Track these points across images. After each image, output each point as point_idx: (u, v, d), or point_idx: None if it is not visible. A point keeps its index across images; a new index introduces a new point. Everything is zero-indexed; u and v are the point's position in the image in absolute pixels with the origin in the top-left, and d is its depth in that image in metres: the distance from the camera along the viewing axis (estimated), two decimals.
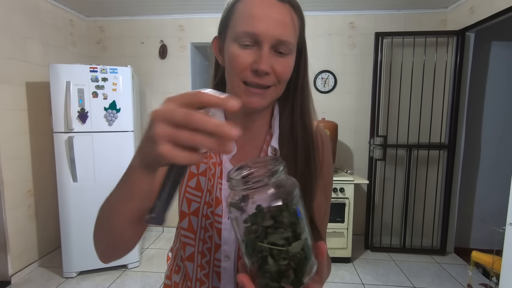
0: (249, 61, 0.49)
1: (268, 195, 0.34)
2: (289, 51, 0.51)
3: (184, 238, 0.58)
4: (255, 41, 0.49)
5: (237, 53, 0.49)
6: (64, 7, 2.83)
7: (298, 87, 0.57)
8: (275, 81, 0.51)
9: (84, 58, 3.11)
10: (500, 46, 2.80)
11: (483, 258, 2.06)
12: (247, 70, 0.49)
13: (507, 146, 2.85)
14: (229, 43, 0.51)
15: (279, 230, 0.34)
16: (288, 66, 0.52)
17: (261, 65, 0.48)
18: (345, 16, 2.97)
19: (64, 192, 2.33)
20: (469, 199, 2.98)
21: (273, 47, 0.49)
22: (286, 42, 0.49)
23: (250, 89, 0.50)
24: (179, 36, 3.12)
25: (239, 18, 0.50)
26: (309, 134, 0.58)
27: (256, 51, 0.49)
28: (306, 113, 0.58)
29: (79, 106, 2.31)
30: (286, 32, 0.49)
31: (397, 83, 2.87)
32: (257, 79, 0.49)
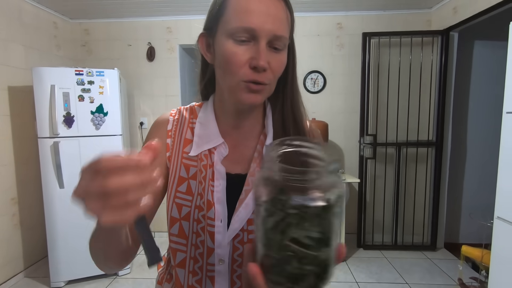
0: (246, 57, 0.48)
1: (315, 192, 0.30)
2: (283, 47, 0.50)
3: (174, 245, 0.56)
4: (252, 36, 0.48)
5: (234, 49, 0.48)
6: (47, 9, 2.76)
7: (288, 83, 0.57)
8: (271, 78, 0.50)
9: (69, 61, 3.04)
10: (482, 45, 2.88)
11: (472, 252, 2.10)
12: (245, 67, 0.48)
13: (492, 141, 2.93)
14: (222, 40, 0.50)
15: (312, 229, 0.30)
16: (283, 62, 0.51)
17: (260, 61, 0.47)
18: (333, 17, 3.00)
19: (50, 199, 2.26)
20: (457, 195, 3.05)
21: (269, 42, 0.48)
22: (281, 37, 0.49)
23: (250, 86, 0.49)
24: (167, 38, 3.08)
25: (233, 13, 0.48)
26: (300, 130, 0.57)
27: (252, 47, 0.48)
28: (296, 109, 0.58)
29: (64, 110, 2.24)
30: (281, 27, 0.49)
31: (385, 82, 2.91)
32: (256, 75, 0.48)
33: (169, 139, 0.59)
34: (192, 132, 0.59)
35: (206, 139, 0.57)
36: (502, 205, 1.57)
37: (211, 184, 0.55)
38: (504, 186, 1.56)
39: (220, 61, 0.51)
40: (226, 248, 0.54)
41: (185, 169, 0.57)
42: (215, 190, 0.55)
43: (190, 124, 0.60)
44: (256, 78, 0.49)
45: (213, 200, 0.54)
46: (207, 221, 0.54)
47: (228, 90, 0.52)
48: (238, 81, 0.49)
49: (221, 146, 0.57)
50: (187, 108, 0.63)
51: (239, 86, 0.50)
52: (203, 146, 0.56)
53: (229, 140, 0.58)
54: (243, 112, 0.57)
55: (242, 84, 0.49)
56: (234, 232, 0.54)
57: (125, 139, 2.61)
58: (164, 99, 3.15)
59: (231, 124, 0.58)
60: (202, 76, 0.62)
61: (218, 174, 0.55)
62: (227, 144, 0.57)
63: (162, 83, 3.14)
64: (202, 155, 0.56)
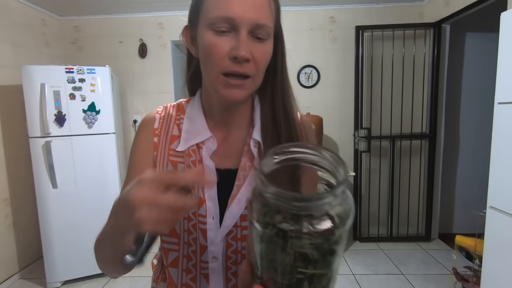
0: (226, 48, 0.46)
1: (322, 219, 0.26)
2: (267, 36, 0.48)
3: (166, 244, 0.55)
4: (232, 26, 0.46)
5: (213, 41, 0.46)
6: (35, 6, 2.70)
7: (277, 73, 0.55)
8: (254, 71, 0.48)
9: (59, 59, 2.98)
10: (474, 37, 2.90)
11: (466, 241, 2.14)
12: (226, 59, 0.47)
13: (484, 132, 2.96)
14: (202, 31, 0.48)
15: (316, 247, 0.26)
16: (267, 53, 0.49)
17: (240, 51, 0.45)
18: (326, 11, 2.99)
19: (44, 200, 2.23)
20: (450, 186, 3.09)
21: (251, 32, 0.46)
22: (264, 26, 0.47)
23: (229, 81, 0.47)
24: (159, 34, 3.04)
25: (212, 3, 0.47)
26: (291, 122, 0.55)
27: (233, 37, 0.46)
28: (287, 100, 0.56)
29: (55, 109, 2.21)
30: (263, 15, 0.47)
31: (378, 75, 2.92)
32: (236, 67, 0.46)
33: (156, 137, 0.57)
34: (179, 129, 0.57)
35: (193, 133, 0.56)
36: (495, 195, 1.59)
37: None
38: (497, 176, 1.58)
39: (202, 53, 0.50)
40: (219, 245, 0.53)
41: (172, 166, 0.55)
42: (205, 186, 0.53)
43: (177, 121, 0.58)
44: (236, 69, 0.46)
45: (204, 196, 0.53)
46: (199, 218, 0.52)
47: (209, 84, 0.51)
48: (217, 73, 0.48)
49: (209, 141, 0.55)
50: (174, 105, 0.62)
51: (218, 79, 0.48)
52: (190, 141, 0.55)
53: (218, 134, 0.57)
54: (230, 106, 0.55)
55: (221, 78, 0.48)
56: (227, 229, 0.53)
57: (119, 137, 2.58)
58: (157, 96, 3.12)
59: (219, 118, 0.57)
60: (188, 70, 0.61)
61: (208, 169, 0.54)
62: (215, 138, 0.56)
63: (155, 80, 3.10)
64: (190, 151, 0.55)
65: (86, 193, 2.30)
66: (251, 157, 0.55)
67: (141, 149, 0.57)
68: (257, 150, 0.55)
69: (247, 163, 0.55)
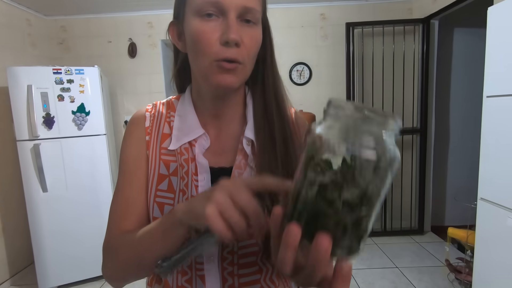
0: (216, 34, 0.45)
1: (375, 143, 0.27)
2: (256, 20, 0.47)
3: None
4: (219, 10, 0.45)
5: (202, 27, 0.45)
6: (19, 6, 2.63)
7: (267, 65, 0.54)
8: (244, 56, 0.47)
9: (46, 60, 2.91)
10: (461, 32, 2.95)
11: (458, 233, 2.18)
12: (216, 44, 0.45)
13: (474, 125, 3.02)
14: (190, 20, 0.47)
15: (357, 185, 0.27)
16: (257, 38, 0.48)
17: (230, 33, 0.44)
18: (316, 8, 2.99)
19: (34, 204, 2.18)
20: (441, 179, 3.14)
21: (240, 16, 0.45)
22: (252, 10, 0.46)
23: (223, 64, 0.46)
24: (149, 33, 3.00)
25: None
26: (284, 117, 0.54)
27: (222, 23, 0.45)
28: (278, 94, 0.55)
29: (43, 111, 2.16)
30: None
31: (369, 71, 2.94)
32: (228, 52, 0.45)
33: (148, 136, 0.56)
34: (170, 127, 0.56)
35: (185, 131, 0.54)
36: (485, 187, 1.62)
37: (195, 179, 0.52)
38: (486, 168, 1.61)
39: (190, 43, 0.48)
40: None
41: (164, 166, 0.54)
42: (199, 185, 0.51)
43: (167, 119, 0.57)
44: (228, 55, 0.45)
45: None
46: None
47: (201, 74, 0.49)
48: (210, 61, 0.46)
49: (201, 138, 0.54)
50: (163, 102, 0.60)
51: (212, 67, 0.46)
52: (182, 139, 0.53)
53: (210, 130, 0.56)
54: (222, 98, 0.54)
55: (214, 64, 0.46)
56: None
57: (110, 138, 2.54)
58: (148, 96, 3.08)
59: (211, 113, 0.55)
60: (174, 64, 0.59)
61: (201, 168, 0.52)
62: (208, 135, 0.55)
63: (145, 79, 3.06)
64: (182, 149, 0.53)
65: (78, 196, 2.26)
66: (245, 155, 0.54)
67: (134, 147, 0.56)
68: (250, 148, 0.54)
69: (242, 161, 0.53)
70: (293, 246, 0.29)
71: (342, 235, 0.28)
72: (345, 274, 0.29)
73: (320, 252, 0.28)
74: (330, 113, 0.28)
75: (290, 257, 0.30)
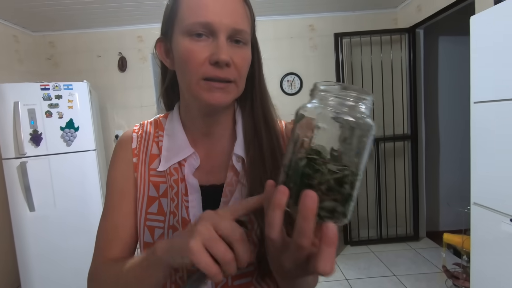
0: (205, 54, 0.45)
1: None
2: (245, 41, 0.48)
3: None
4: (209, 31, 0.45)
5: (191, 47, 0.45)
6: (5, 22, 2.60)
7: (255, 82, 0.54)
8: (236, 76, 0.47)
9: (33, 76, 2.87)
10: (446, 40, 3.04)
11: (453, 239, 2.18)
12: (205, 64, 0.45)
13: (463, 131, 3.07)
14: (179, 39, 0.46)
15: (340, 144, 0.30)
16: (247, 58, 0.48)
17: (220, 55, 0.43)
18: (304, 19, 3.05)
19: (20, 224, 2.11)
20: (434, 185, 3.16)
21: (229, 37, 0.45)
22: (242, 31, 0.46)
23: (212, 84, 0.45)
24: (139, 47, 3.00)
25: (187, 10, 0.45)
26: (272, 131, 0.54)
27: (211, 43, 0.45)
28: (266, 109, 0.55)
29: (31, 128, 2.11)
30: (240, 21, 0.46)
31: (359, 80, 2.98)
32: (218, 71, 0.45)
33: (135, 157, 0.54)
34: (158, 147, 0.54)
35: (175, 151, 0.53)
36: (477, 191, 1.64)
37: (185, 200, 0.50)
38: (478, 172, 1.63)
39: (178, 62, 0.48)
40: None
41: (154, 188, 0.52)
42: (190, 205, 0.50)
43: (155, 139, 0.55)
44: (218, 74, 0.45)
45: (188, 217, 0.49)
46: None
47: (189, 93, 0.48)
48: (198, 79, 0.45)
49: (191, 157, 0.53)
50: (151, 121, 0.59)
51: (200, 85, 0.46)
52: (172, 160, 0.52)
53: (200, 148, 0.54)
54: (211, 116, 0.53)
55: (202, 83, 0.46)
56: None
57: (100, 154, 2.49)
58: (139, 110, 3.05)
59: (200, 131, 0.54)
60: (162, 83, 0.58)
61: (192, 188, 0.51)
62: (198, 154, 0.53)
63: (136, 93, 3.04)
64: (172, 169, 0.52)
65: (66, 214, 2.20)
66: (236, 172, 0.52)
67: (120, 170, 0.54)
68: (241, 165, 0.53)
69: (233, 178, 0.52)
70: (280, 204, 0.30)
71: (326, 195, 0.30)
72: (330, 236, 0.28)
73: (307, 205, 0.27)
74: (315, 93, 0.32)
75: (277, 218, 0.30)
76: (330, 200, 0.30)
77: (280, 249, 0.32)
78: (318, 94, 0.32)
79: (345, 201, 0.30)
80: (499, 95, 1.47)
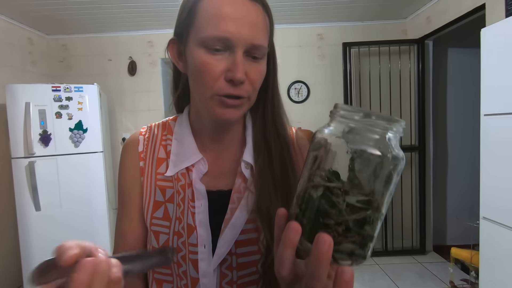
0: (221, 68, 0.44)
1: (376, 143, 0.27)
2: (262, 55, 0.47)
3: (159, 275, 0.51)
4: (227, 46, 0.43)
5: (207, 60, 0.44)
6: (21, 25, 2.67)
7: (269, 92, 0.53)
8: (249, 91, 0.46)
9: (45, 78, 2.93)
10: (456, 52, 3.02)
11: (461, 254, 2.13)
12: (220, 79, 0.44)
13: (472, 143, 3.03)
14: (194, 48, 0.45)
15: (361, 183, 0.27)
16: (261, 72, 0.48)
17: (236, 73, 0.42)
18: (313, 28, 3.07)
19: (26, 223, 2.13)
20: (442, 197, 3.11)
21: (246, 51, 0.44)
22: (259, 47, 0.45)
23: (225, 101, 0.45)
24: (149, 52, 3.05)
25: (205, 19, 0.44)
26: (283, 141, 0.53)
27: (228, 57, 0.44)
28: (278, 118, 0.54)
29: (40, 128, 2.15)
30: (259, 35, 0.45)
31: (366, 90, 2.97)
32: (232, 89, 0.44)
33: (142, 161, 0.54)
34: (165, 150, 0.54)
35: (183, 156, 0.52)
36: (487, 206, 1.60)
37: (191, 206, 0.49)
38: (487, 186, 1.59)
39: (193, 72, 0.47)
40: (212, 276, 0.48)
41: (160, 192, 0.52)
42: (196, 211, 0.49)
43: (163, 142, 0.55)
44: (232, 92, 0.44)
45: (194, 223, 0.49)
46: (189, 248, 0.48)
47: (202, 103, 0.48)
48: (212, 94, 0.45)
49: (199, 163, 0.52)
50: (158, 124, 0.58)
51: (213, 100, 0.45)
52: (180, 165, 0.51)
53: (208, 154, 0.54)
54: (222, 125, 0.53)
55: (216, 98, 0.45)
56: (221, 257, 0.48)
57: (106, 155, 2.51)
58: (147, 113, 3.08)
59: (210, 137, 0.54)
60: (175, 87, 0.57)
61: (199, 194, 0.50)
62: (206, 159, 0.53)
63: (144, 97, 3.07)
64: (179, 174, 0.51)
65: (72, 214, 2.21)
66: (245, 178, 0.52)
67: (127, 176, 0.54)
68: (249, 172, 0.52)
69: (241, 185, 0.51)
70: (292, 243, 0.28)
71: (344, 237, 0.27)
72: (347, 280, 0.27)
73: (321, 251, 0.25)
74: (336, 116, 0.29)
75: (288, 256, 0.28)
76: (347, 242, 0.27)
77: (291, 284, 0.31)
78: (338, 119, 0.29)
79: (364, 244, 0.27)
80: (510, 108, 1.45)
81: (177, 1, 2.69)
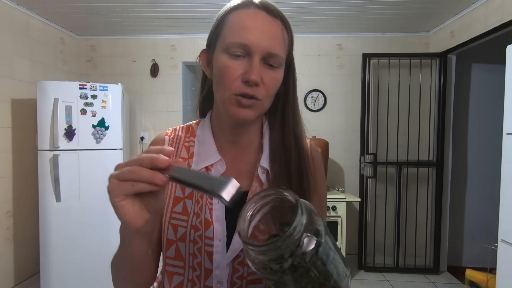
0: (239, 71, 0.49)
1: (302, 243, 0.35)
2: (278, 65, 0.51)
3: (171, 268, 0.55)
4: (246, 52, 0.49)
5: (228, 63, 0.49)
6: (55, 26, 2.84)
7: (289, 101, 0.58)
8: (263, 94, 0.50)
9: (74, 76, 3.08)
10: (480, 68, 2.94)
11: (477, 276, 2.05)
12: (238, 81, 0.49)
13: (493, 162, 2.92)
14: (219, 54, 0.51)
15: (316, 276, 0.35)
16: (277, 79, 0.52)
17: (251, 75, 0.48)
18: (333, 38, 3.08)
19: (46, 213, 2.23)
20: (459, 216, 3.00)
21: (263, 59, 0.49)
22: (276, 55, 0.50)
23: (240, 100, 0.50)
24: (171, 55, 3.15)
25: (230, 30, 0.50)
26: (301, 149, 0.57)
27: (246, 62, 0.49)
28: (297, 127, 0.58)
29: (66, 123, 2.25)
30: (276, 45, 0.50)
31: (384, 102, 2.94)
32: (247, 89, 0.49)
33: None
34: (187, 151, 0.59)
35: (203, 156, 0.57)
36: (506, 228, 1.54)
37: (209, 202, 0.54)
38: (507, 207, 1.54)
39: (216, 75, 0.52)
40: (225, 269, 0.52)
41: (180, 189, 0.56)
42: (213, 208, 0.53)
43: (186, 143, 0.60)
44: (247, 91, 0.49)
45: (211, 218, 0.53)
46: (205, 240, 0.52)
47: (221, 104, 0.53)
48: (230, 94, 0.50)
49: (218, 163, 0.56)
50: (183, 127, 0.63)
51: (230, 99, 0.50)
52: (200, 164, 0.56)
53: (227, 155, 0.58)
54: (239, 127, 0.57)
55: (233, 97, 0.50)
56: (234, 253, 0.52)
57: (125, 153, 2.60)
58: (165, 114, 3.17)
59: (228, 139, 0.58)
60: (201, 90, 0.63)
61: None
62: (224, 160, 0.57)
63: (164, 98, 3.17)
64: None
65: (89, 208, 2.29)
66: (261, 182, 0.56)
67: None
68: (265, 177, 0.56)
69: (257, 188, 0.55)
70: None
71: None
72: None
73: None
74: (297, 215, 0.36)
75: None
76: None
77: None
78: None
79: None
80: None
81: (200, 8, 2.78)
